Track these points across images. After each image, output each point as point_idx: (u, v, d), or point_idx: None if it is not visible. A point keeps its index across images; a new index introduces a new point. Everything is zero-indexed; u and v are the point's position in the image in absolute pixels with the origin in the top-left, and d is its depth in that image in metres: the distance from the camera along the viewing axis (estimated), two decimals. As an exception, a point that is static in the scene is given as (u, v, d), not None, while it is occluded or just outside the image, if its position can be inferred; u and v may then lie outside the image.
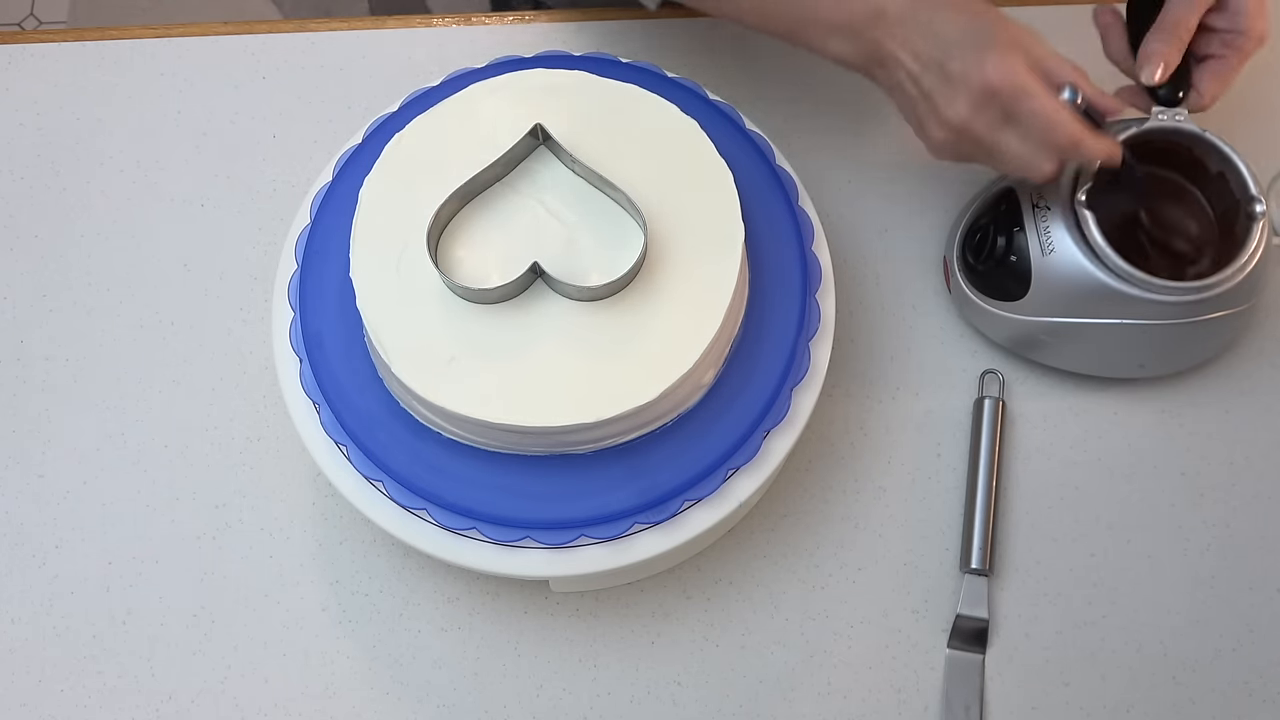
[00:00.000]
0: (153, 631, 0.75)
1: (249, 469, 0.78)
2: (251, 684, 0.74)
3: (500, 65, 0.74)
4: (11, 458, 0.79)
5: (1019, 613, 0.74)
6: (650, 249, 0.64)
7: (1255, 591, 0.74)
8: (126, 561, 0.77)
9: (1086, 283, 0.71)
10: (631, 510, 0.65)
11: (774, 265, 0.69)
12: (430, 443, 0.66)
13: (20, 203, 0.86)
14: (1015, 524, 0.76)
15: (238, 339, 0.81)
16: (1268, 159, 0.80)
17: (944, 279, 0.81)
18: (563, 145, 0.67)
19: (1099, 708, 0.72)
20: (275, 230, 0.83)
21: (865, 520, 0.76)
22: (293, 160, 0.85)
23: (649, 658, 0.74)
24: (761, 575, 0.75)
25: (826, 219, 0.78)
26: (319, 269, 0.69)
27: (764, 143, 0.72)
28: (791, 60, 0.88)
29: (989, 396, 0.77)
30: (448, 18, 0.91)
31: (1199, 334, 0.74)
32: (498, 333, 0.64)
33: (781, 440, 0.67)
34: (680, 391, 0.64)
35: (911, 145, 0.85)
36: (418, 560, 0.76)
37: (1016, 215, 0.74)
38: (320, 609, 0.76)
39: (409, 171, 0.67)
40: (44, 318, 0.83)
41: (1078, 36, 0.88)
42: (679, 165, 0.67)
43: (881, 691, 0.73)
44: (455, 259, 0.66)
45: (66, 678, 0.75)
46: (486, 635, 0.75)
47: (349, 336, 0.67)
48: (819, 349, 0.68)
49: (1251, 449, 0.77)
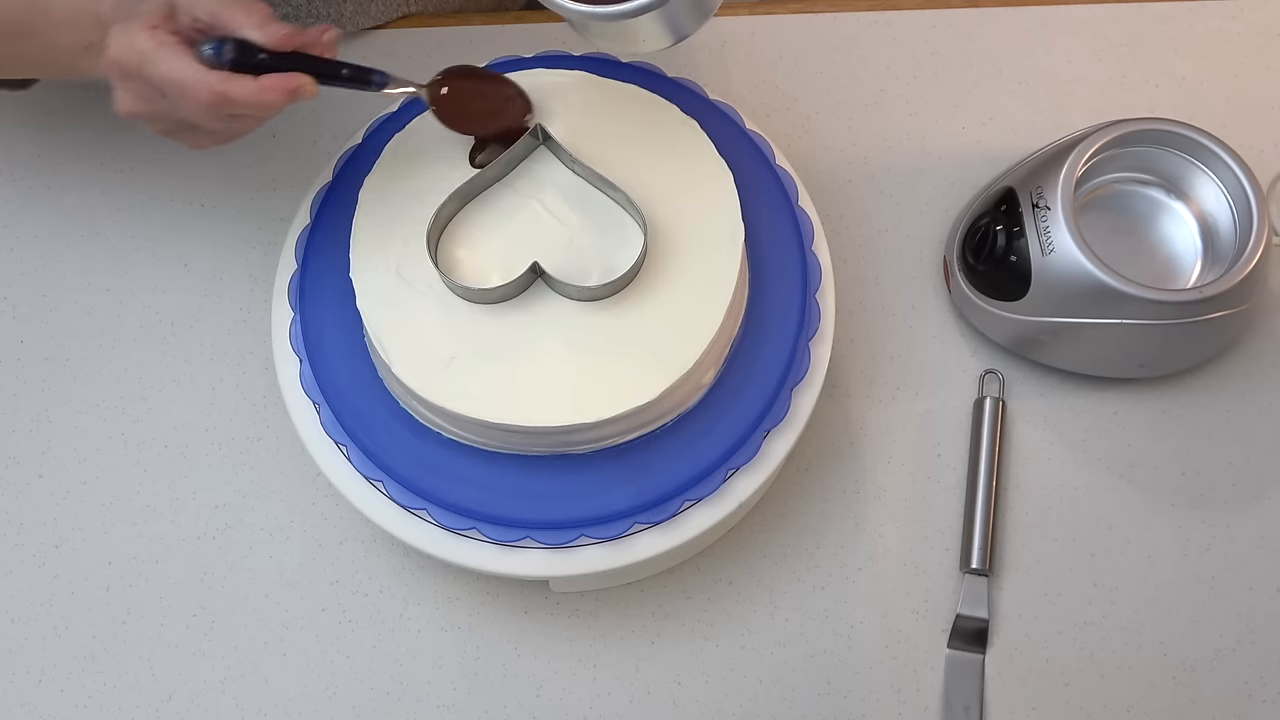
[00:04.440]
0: (153, 631, 0.75)
1: (249, 469, 0.78)
2: (251, 684, 0.74)
3: (500, 65, 0.74)
4: (11, 458, 0.79)
5: (1019, 613, 0.74)
6: (650, 249, 0.64)
7: (1255, 591, 0.74)
8: (126, 561, 0.77)
9: (1086, 283, 0.71)
10: (631, 510, 0.65)
11: (774, 265, 0.69)
12: (430, 443, 0.66)
13: (20, 203, 0.86)
14: (1015, 524, 0.76)
15: (238, 339, 0.81)
16: (1268, 159, 0.80)
17: (944, 279, 0.81)
18: (563, 145, 0.67)
19: (1099, 708, 0.72)
20: (275, 230, 0.83)
21: (865, 520, 0.76)
22: (293, 160, 0.85)
23: (649, 658, 0.74)
24: (761, 575, 0.75)
25: (826, 219, 0.78)
26: (319, 269, 0.69)
27: (764, 143, 0.72)
28: (791, 60, 0.88)
29: (989, 396, 0.77)
30: (448, 18, 0.91)
31: (1199, 334, 0.74)
32: (498, 333, 0.64)
33: (781, 440, 0.67)
34: (680, 391, 0.64)
35: (911, 145, 0.86)
36: (418, 560, 0.76)
37: (1016, 215, 0.74)
38: (320, 609, 0.75)
39: (409, 171, 0.67)
40: (44, 318, 0.83)
41: (1078, 36, 0.88)
42: (679, 165, 0.67)
43: (881, 691, 0.73)
44: (455, 259, 0.66)
45: (66, 678, 0.75)
46: (486, 635, 0.75)
47: (349, 336, 0.67)
48: (819, 349, 0.68)
49: (1251, 449, 0.77)
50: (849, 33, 0.88)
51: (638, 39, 0.61)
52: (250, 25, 0.60)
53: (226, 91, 0.59)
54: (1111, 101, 0.85)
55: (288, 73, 0.60)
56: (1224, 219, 0.75)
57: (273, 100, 0.60)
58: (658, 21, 0.58)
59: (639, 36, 0.60)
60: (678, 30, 0.60)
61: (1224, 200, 0.75)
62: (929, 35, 0.88)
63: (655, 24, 0.58)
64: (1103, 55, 0.87)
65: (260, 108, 0.60)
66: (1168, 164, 0.77)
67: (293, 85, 0.60)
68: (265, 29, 0.60)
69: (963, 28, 0.88)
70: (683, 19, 0.59)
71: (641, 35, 0.60)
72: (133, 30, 0.59)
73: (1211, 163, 0.75)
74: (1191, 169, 0.76)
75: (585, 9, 0.57)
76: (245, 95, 0.59)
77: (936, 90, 0.86)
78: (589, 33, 0.62)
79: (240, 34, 0.60)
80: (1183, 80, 0.86)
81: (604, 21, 0.57)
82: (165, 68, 0.59)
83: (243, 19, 0.60)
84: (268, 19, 0.60)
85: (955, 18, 0.88)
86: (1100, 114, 0.79)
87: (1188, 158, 0.76)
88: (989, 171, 0.81)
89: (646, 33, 0.60)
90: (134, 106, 0.62)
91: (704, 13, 0.60)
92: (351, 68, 0.64)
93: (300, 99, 0.61)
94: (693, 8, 0.59)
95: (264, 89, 0.60)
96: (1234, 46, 0.87)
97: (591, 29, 0.60)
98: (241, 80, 0.59)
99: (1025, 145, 0.80)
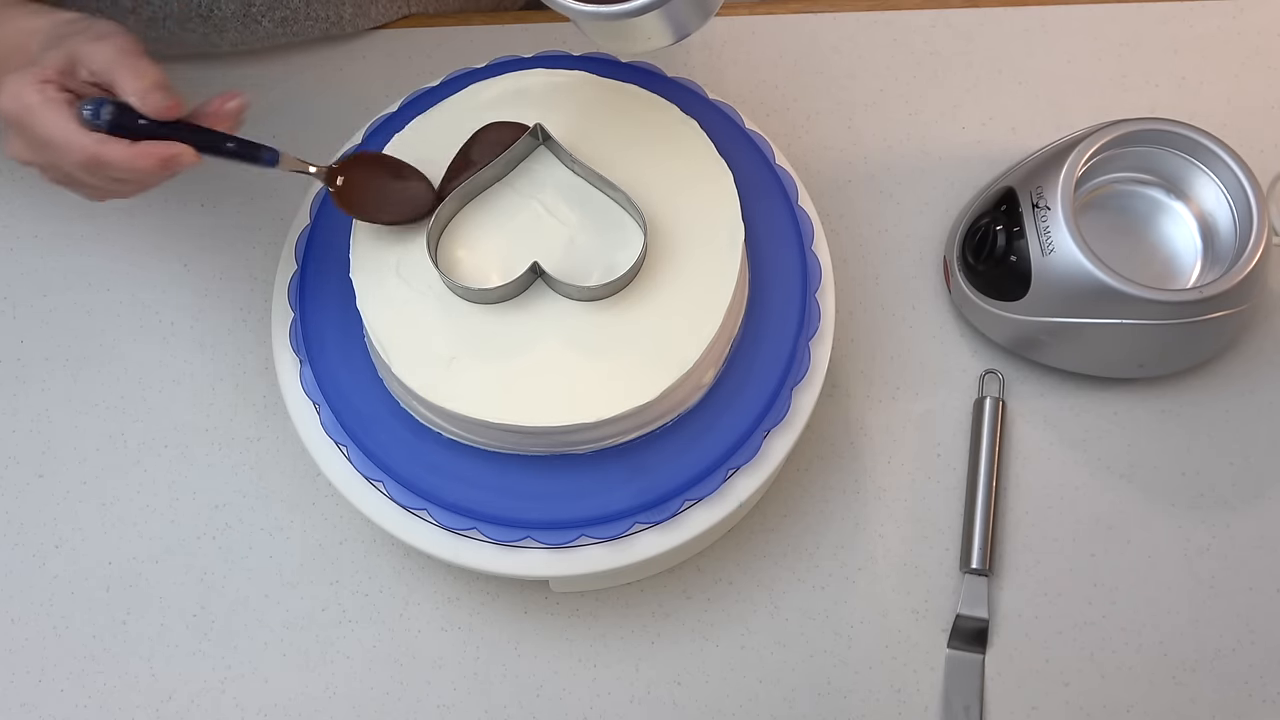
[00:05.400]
0: (153, 631, 0.75)
1: (249, 469, 0.78)
2: (251, 684, 0.74)
3: (500, 65, 0.74)
4: (11, 458, 0.79)
5: (1019, 613, 0.74)
6: (650, 249, 0.64)
7: (1255, 591, 0.74)
8: (126, 561, 0.77)
9: (1086, 283, 0.71)
10: (631, 510, 0.65)
11: (774, 265, 0.69)
12: (430, 443, 0.66)
13: (20, 203, 0.86)
14: (1015, 524, 0.76)
15: (238, 339, 0.81)
16: (1268, 159, 0.80)
17: (944, 279, 0.81)
18: (563, 145, 0.67)
19: (1099, 708, 0.72)
20: (275, 230, 0.83)
21: (865, 520, 0.76)
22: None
23: (649, 658, 0.74)
24: (761, 575, 0.75)
25: (826, 219, 0.78)
26: (319, 269, 0.69)
27: (764, 142, 0.72)
28: (791, 60, 0.88)
29: (989, 396, 0.77)
30: (448, 18, 0.91)
31: (1199, 334, 0.74)
32: (498, 333, 0.64)
33: (781, 440, 0.67)
34: (680, 391, 0.64)
35: (911, 145, 0.86)
36: (418, 560, 0.76)
37: (1016, 215, 0.74)
38: (320, 609, 0.75)
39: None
40: (44, 318, 0.83)
41: (1078, 36, 0.88)
42: (679, 165, 0.67)
43: (881, 691, 0.73)
44: (455, 259, 0.66)
45: (66, 678, 0.75)
46: (486, 635, 0.75)
47: (349, 336, 0.67)
48: (819, 349, 0.68)
49: (1251, 449, 0.77)
50: (849, 33, 0.88)
51: (640, 38, 0.61)
52: (133, 91, 0.58)
53: (99, 154, 0.58)
54: (1111, 101, 0.85)
55: (164, 141, 0.59)
56: (1224, 219, 0.75)
57: (144, 166, 0.59)
58: (661, 20, 0.58)
59: (642, 35, 0.60)
60: (681, 29, 0.60)
61: (1224, 200, 0.75)
62: (929, 35, 0.88)
63: (658, 22, 0.58)
64: (1103, 55, 0.87)
65: (133, 173, 0.59)
66: (1168, 164, 0.77)
67: (166, 154, 0.59)
68: (147, 98, 0.58)
69: (963, 28, 0.88)
70: (685, 17, 0.59)
71: (644, 34, 0.60)
72: (23, 80, 0.58)
73: (1211, 163, 0.75)
74: (1191, 169, 0.76)
75: (589, 9, 0.57)
76: (117, 159, 0.58)
77: (936, 90, 0.86)
78: (592, 32, 0.62)
79: (123, 98, 0.59)
80: (1183, 80, 0.86)
81: (607, 21, 0.57)
82: (45, 124, 0.58)
83: (129, 83, 0.58)
84: (154, 86, 0.59)
85: (955, 18, 0.88)
86: (1100, 114, 0.79)
87: (1188, 158, 0.76)
88: (989, 171, 0.81)
89: (649, 31, 0.60)
90: (23, 155, 0.61)
91: (706, 10, 0.60)
92: (239, 142, 0.62)
93: (177, 168, 0.59)
94: (695, 5, 0.59)
95: (136, 155, 0.58)
96: (1234, 46, 0.87)
97: (594, 28, 0.60)
98: (116, 144, 0.58)
99: (1025, 145, 0.80)
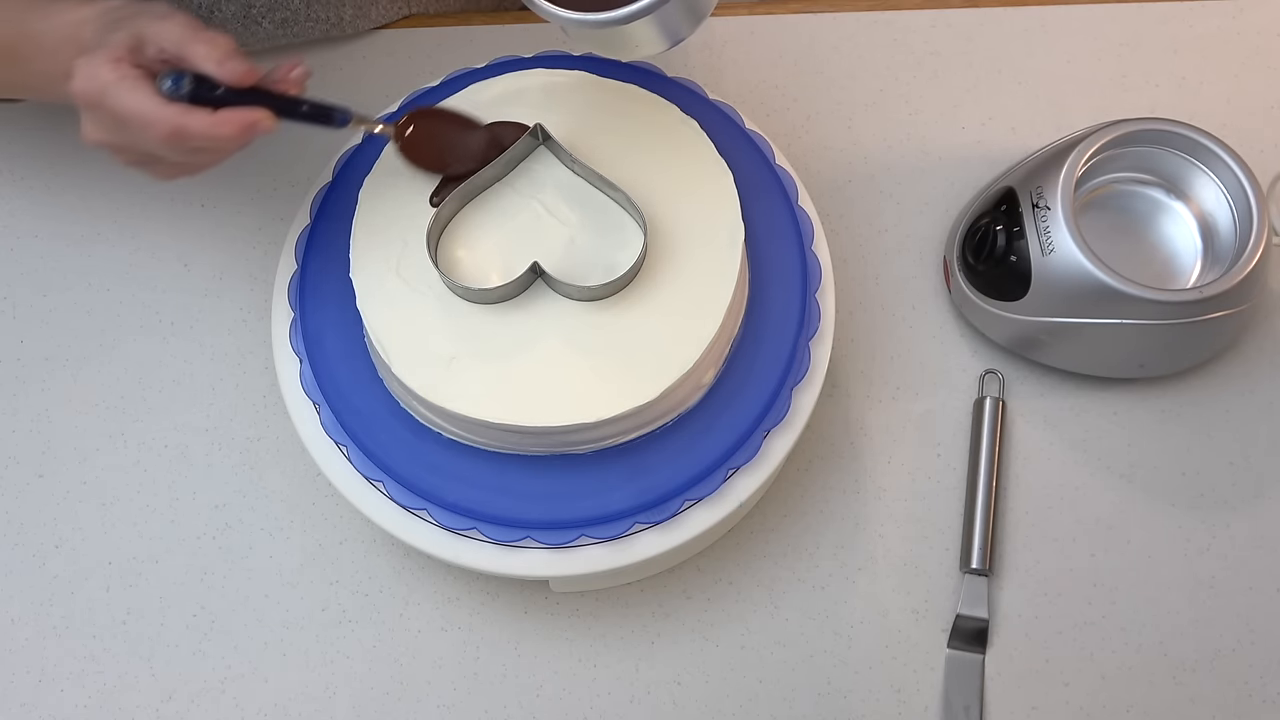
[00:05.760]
0: (153, 631, 0.75)
1: (249, 469, 0.78)
2: (251, 684, 0.74)
3: (500, 65, 0.74)
4: (11, 458, 0.79)
5: (1019, 613, 0.74)
6: (650, 249, 0.64)
7: (1255, 591, 0.74)
8: (126, 561, 0.77)
9: (1086, 283, 0.71)
10: (631, 510, 0.65)
11: (774, 265, 0.69)
12: (430, 443, 0.66)
13: (20, 203, 0.86)
14: (1015, 524, 0.76)
15: (238, 339, 0.81)
16: (1268, 159, 0.80)
17: (944, 279, 0.81)
18: (563, 145, 0.67)
19: (1099, 708, 0.72)
20: (275, 230, 0.83)
21: (865, 520, 0.76)
22: (293, 160, 0.85)
23: (649, 658, 0.74)
24: (761, 575, 0.75)
25: (826, 219, 0.78)
26: (319, 269, 0.69)
27: (764, 142, 0.72)
28: (791, 60, 0.88)
29: (989, 396, 0.77)
30: (448, 18, 0.91)
31: (1199, 334, 0.74)
32: (498, 333, 0.64)
33: (781, 440, 0.67)
34: (680, 391, 0.64)
35: (911, 145, 0.86)
36: (418, 560, 0.76)
37: (1016, 215, 0.74)
38: (320, 609, 0.75)
39: (409, 171, 0.67)
40: (44, 318, 0.83)
41: (1078, 36, 0.88)
42: (679, 165, 0.67)
43: (881, 691, 0.73)
44: (455, 259, 0.66)
45: (66, 678, 0.75)
46: (486, 635, 0.75)
47: (349, 336, 0.67)
48: (819, 349, 0.68)
49: (1251, 449, 0.77)
50: (849, 33, 0.88)
51: (633, 44, 0.60)
52: (210, 60, 0.60)
53: (183, 125, 0.59)
54: (1111, 101, 0.85)
55: (244, 107, 0.61)
56: (1224, 219, 0.75)
57: (227, 133, 0.60)
58: (651, 27, 0.58)
59: (634, 42, 0.60)
60: (673, 34, 0.60)
61: (1224, 200, 0.75)
62: (929, 35, 0.88)
63: (649, 29, 0.58)
64: (1103, 55, 0.87)
65: (216, 140, 0.60)
66: (1168, 164, 0.77)
67: (248, 120, 0.60)
68: (224, 65, 0.60)
69: (963, 28, 0.88)
70: (676, 22, 0.59)
71: (636, 40, 0.60)
72: (97, 61, 0.59)
73: (1211, 163, 0.75)
74: (1191, 169, 0.76)
75: (578, 16, 0.56)
76: (201, 129, 0.59)
77: (936, 90, 0.86)
78: (582, 40, 0.62)
79: (199, 69, 0.60)
80: (1183, 80, 0.86)
81: (595, 29, 0.57)
82: (125, 101, 0.59)
83: (204, 53, 0.60)
84: (228, 55, 0.60)
85: (955, 18, 0.88)
86: (1100, 114, 0.79)
87: (1188, 158, 0.76)
88: (989, 171, 0.81)
89: (640, 39, 0.59)
90: (99, 136, 0.62)
91: (698, 15, 0.60)
92: (312, 104, 0.64)
93: (257, 134, 0.61)
94: (686, 11, 0.59)
95: (218, 122, 0.60)
96: (1234, 46, 0.87)
97: (584, 36, 0.60)
98: (198, 114, 0.60)
99: (1025, 145, 0.80)
